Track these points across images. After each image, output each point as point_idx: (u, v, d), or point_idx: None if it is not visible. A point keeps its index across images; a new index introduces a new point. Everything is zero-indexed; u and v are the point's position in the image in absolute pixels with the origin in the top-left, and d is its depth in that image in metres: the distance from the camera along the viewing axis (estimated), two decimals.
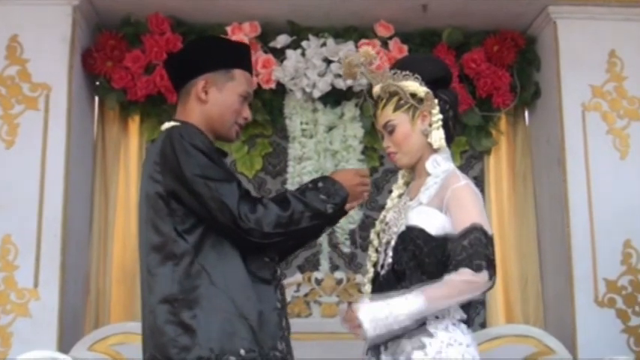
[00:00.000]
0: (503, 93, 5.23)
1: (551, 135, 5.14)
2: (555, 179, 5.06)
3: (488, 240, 2.76)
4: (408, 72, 2.98)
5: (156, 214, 2.74)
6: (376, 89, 3.06)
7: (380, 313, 2.72)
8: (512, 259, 5.32)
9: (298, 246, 3.14)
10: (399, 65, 3.04)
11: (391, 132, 2.99)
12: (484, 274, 2.69)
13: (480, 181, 5.30)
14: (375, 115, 3.10)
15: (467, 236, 2.73)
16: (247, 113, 3.00)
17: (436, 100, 2.98)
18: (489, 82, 5.19)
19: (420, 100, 2.97)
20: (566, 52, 5.07)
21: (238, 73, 2.97)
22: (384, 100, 3.02)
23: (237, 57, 3.02)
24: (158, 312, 2.69)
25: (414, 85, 2.97)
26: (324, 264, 5.18)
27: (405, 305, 2.70)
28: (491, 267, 2.72)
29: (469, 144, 5.37)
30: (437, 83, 3.01)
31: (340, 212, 2.92)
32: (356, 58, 3.09)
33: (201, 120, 2.89)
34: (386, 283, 2.89)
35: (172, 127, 2.82)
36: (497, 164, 5.50)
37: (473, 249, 2.71)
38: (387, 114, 3.00)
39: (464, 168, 5.18)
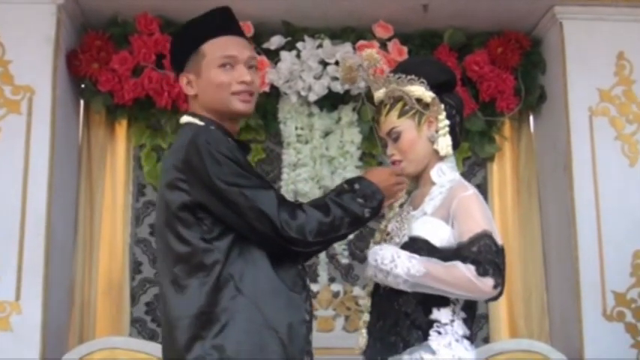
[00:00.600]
0: (507, 97, 5.20)
1: (557, 141, 5.12)
2: (561, 187, 5.03)
3: (499, 249, 2.74)
4: (413, 76, 2.96)
5: (181, 223, 2.69)
6: (379, 94, 3.04)
7: (391, 251, 2.77)
8: (517, 270, 5.27)
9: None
10: (403, 69, 3.02)
11: (396, 139, 2.97)
12: (488, 281, 2.67)
13: (482, 189, 5.24)
14: (377, 121, 3.08)
15: (476, 243, 2.72)
16: (242, 76, 2.82)
17: (442, 105, 2.97)
18: (493, 86, 5.15)
19: (426, 106, 2.95)
20: (572, 54, 5.04)
21: (206, 47, 2.84)
22: (387, 106, 3.00)
23: (200, 31, 2.89)
24: (184, 327, 2.65)
25: (420, 90, 2.95)
26: (323, 275, 5.15)
27: (409, 262, 2.72)
28: (498, 275, 2.69)
29: (471, 150, 5.34)
30: (442, 87, 3.00)
31: (375, 215, 2.89)
32: (356, 62, 3.05)
33: (206, 111, 2.84)
34: (386, 297, 2.87)
35: (195, 134, 2.72)
36: (501, 171, 5.48)
37: (481, 255, 2.69)
38: (392, 120, 2.98)
39: (466, 175, 5.14)
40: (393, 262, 2.74)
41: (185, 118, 2.85)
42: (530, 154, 5.44)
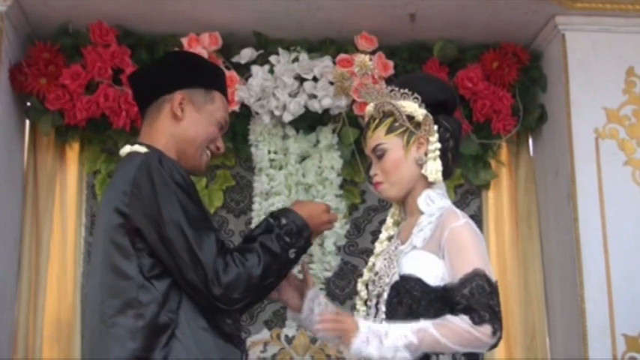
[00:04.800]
0: (504, 117, 5.18)
1: (559, 166, 5.12)
2: (565, 218, 5.02)
3: (492, 288, 2.78)
4: (406, 90, 2.98)
5: (118, 251, 2.72)
6: (369, 108, 3.10)
7: (378, 327, 2.78)
8: (516, 312, 5.26)
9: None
10: (398, 82, 3.08)
11: (380, 157, 3.02)
12: (486, 328, 2.70)
13: (477, 221, 5.23)
14: (364, 136, 3.12)
15: (467, 284, 2.74)
16: (221, 143, 3.06)
17: (436, 127, 3.00)
18: (488, 105, 5.12)
19: (418, 125, 3.00)
20: (576, 69, 5.05)
21: (218, 97, 3.03)
22: (376, 121, 3.05)
23: (217, 79, 3.10)
24: None
25: (412, 106, 3.00)
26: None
27: (402, 333, 2.73)
28: (495, 320, 2.73)
29: (464, 177, 5.32)
30: (439, 107, 3.05)
31: (302, 254, 2.98)
32: (348, 70, 3.11)
33: (171, 142, 2.93)
34: None
35: (148, 154, 2.81)
36: (498, 201, 5.46)
37: (474, 298, 2.72)
38: (379, 136, 3.02)
39: (459, 205, 5.13)
40: (384, 336, 2.75)
41: (128, 148, 2.93)
42: (530, 181, 5.43)
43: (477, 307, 2.69)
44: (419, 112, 2.96)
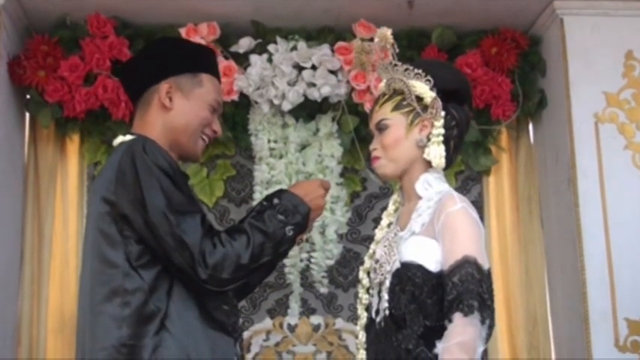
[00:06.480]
0: (504, 103, 5.18)
1: (559, 151, 5.12)
2: (565, 203, 5.02)
3: (483, 276, 2.74)
4: (420, 71, 2.98)
5: (105, 240, 2.73)
6: (381, 85, 3.08)
7: None
8: (518, 297, 5.26)
9: (261, 280, 3.19)
10: (414, 64, 3.04)
11: (381, 130, 3.00)
12: (475, 317, 2.66)
13: (478, 207, 5.23)
14: (371, 111, 3.11)
15: (457, 271, 2.72)
16: (217, 127, 3.05)
17: (443, 113, 2.97)
18: (487, 90, 5.13)
19: (425, 107, 2.97)
20: (575, 53, 5.04)
21: (206, 79, 3.01)
22: (385, 97, 3.04)
23: (204, 60, 3.06)
24: (104, 358, 2.66)
25: (423, 88, 2.98)
26: (294, 307, 5.05)
27: None
28: (484, 308, 2.69)
29: (465, 163, 5.33)
30: (450, 96, 3.02)
31: (302, 231, 2.94)
32: (367, 44, 3.14)
33: (163, 133, 2.92)
34: (383, 332, 2.88)
35: (133, 140, 2.82)
36: (498, 186, 5.47)
37: (464, 286, 2.69)
38: (384, 112, 3.01)
39: (459, 191, 4.97)
40: None
41: (121, 138, 2.92)
42: (531, 166, 5.44)
43: (466, 297, 2.66)
44: (428, 94, 2.94)
